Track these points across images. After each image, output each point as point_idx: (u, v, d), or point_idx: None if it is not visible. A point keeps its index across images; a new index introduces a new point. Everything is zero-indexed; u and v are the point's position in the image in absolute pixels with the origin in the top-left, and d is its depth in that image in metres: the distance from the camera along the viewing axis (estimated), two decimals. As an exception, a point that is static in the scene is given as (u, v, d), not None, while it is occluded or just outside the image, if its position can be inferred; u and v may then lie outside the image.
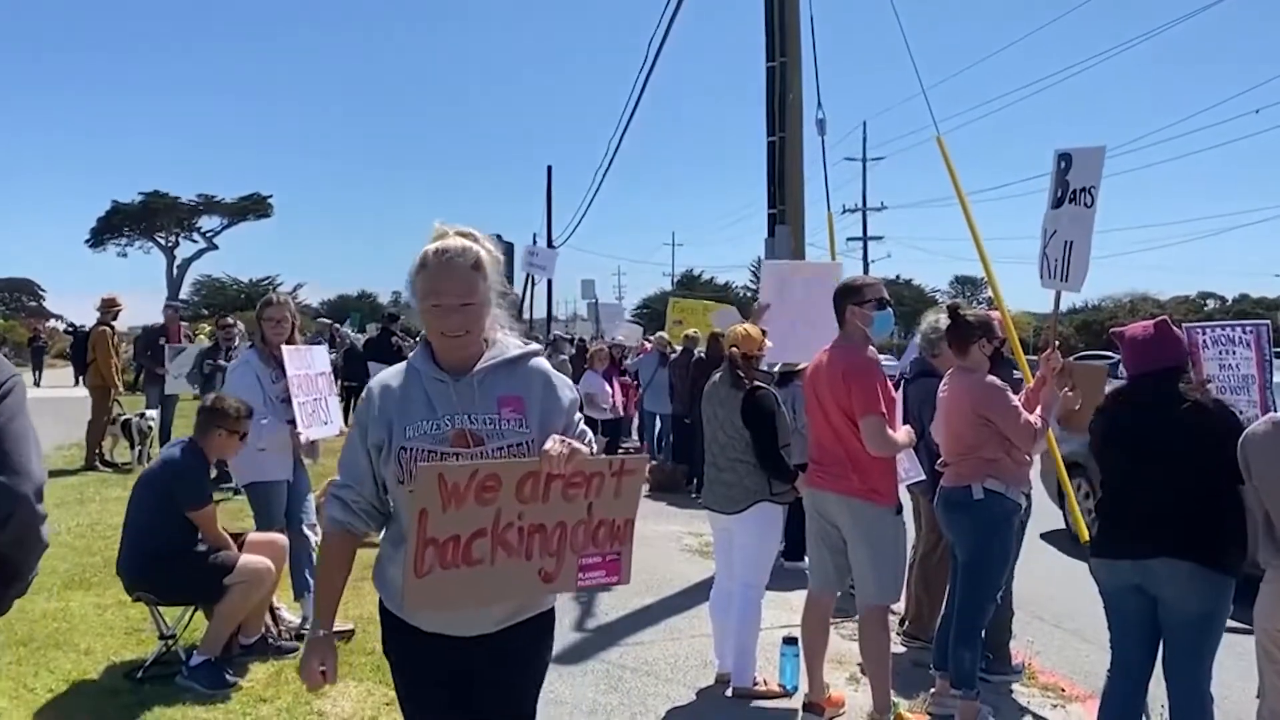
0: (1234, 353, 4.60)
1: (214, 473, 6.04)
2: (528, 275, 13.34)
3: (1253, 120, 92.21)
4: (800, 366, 6.94)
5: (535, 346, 2.56)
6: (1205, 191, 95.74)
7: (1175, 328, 3.88)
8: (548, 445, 2.26)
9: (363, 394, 2.55)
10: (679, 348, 12.41)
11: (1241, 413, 4.46)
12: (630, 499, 2.44)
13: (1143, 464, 3.71)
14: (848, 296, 4.54)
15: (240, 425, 5.01)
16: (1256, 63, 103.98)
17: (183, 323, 11.03)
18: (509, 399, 2.41)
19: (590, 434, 2.55)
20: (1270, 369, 4.53)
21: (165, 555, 4.76)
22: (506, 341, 2.49)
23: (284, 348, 5.49)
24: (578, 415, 2.53)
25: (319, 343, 14.65)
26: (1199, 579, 3.55)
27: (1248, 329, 4.58)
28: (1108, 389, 4.06)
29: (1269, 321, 4.61)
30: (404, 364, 2.54)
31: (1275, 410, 4.41)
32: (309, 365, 5.65)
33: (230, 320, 11.22)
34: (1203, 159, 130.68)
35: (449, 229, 2.43)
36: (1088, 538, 4.04)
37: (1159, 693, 3.78)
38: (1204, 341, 4.69)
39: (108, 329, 12.28)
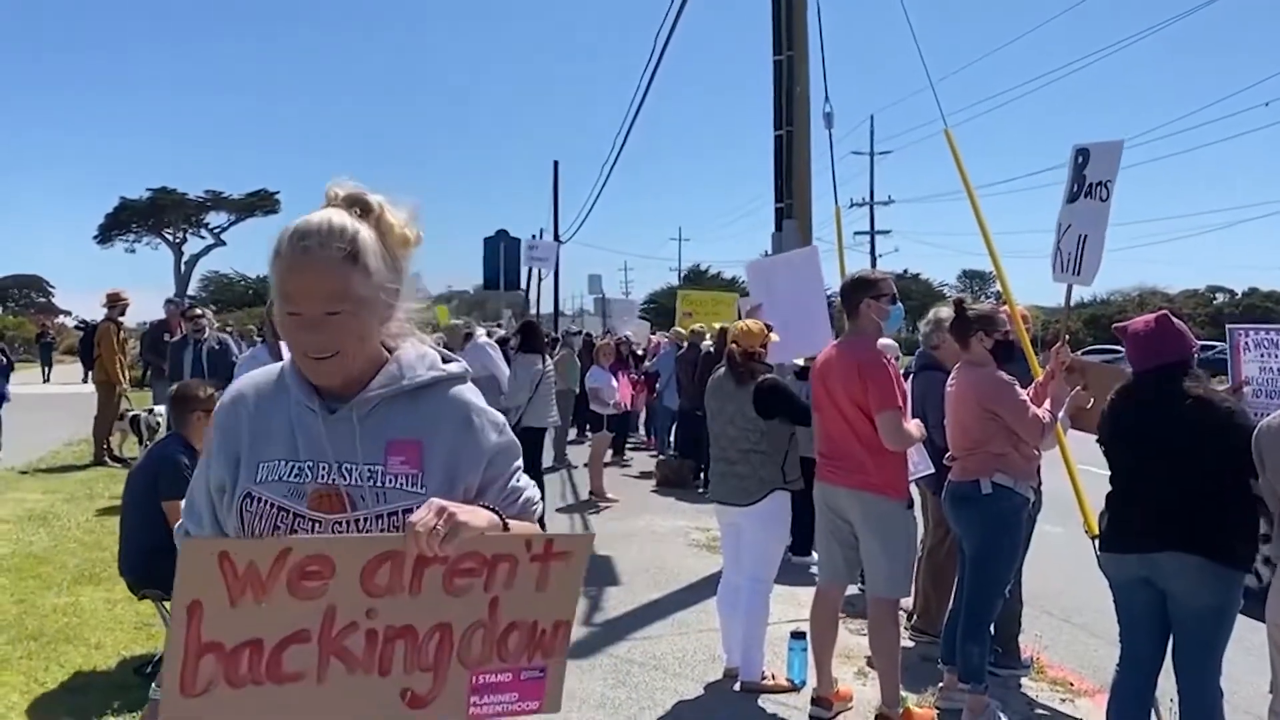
0: (1276, 355, 4.57)
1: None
2: (530, 269, 13.31)
3: (1263, 113, 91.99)
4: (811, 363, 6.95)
5: (456, 368, 1.84)
6: (1215, 185, 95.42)
7: (1178, 322, 3.86)
8: (416, 514, 1.56)
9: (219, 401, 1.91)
10: (686, 343, 12.42)
11: None
12: (563, 594, 1.72)
13: (1148, 459, 3.70)
14: (864, 290, 4.53)
15: (212, 402, 5.07)
16: (1267, 55, 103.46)
17: (184, 318, 11.04)
18: (402, 444, 1.72)
19: (533, 493, 1.88)
20: None
21: (163, 549, 4.76)
22: (415, 359, 1.79)
23: None
24: (516, 466, 1.84)
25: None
26: (1208, 573, 3.54)
27: None
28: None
29: None
30: (279, 366, 1.84)
31: None
32: None
33: (199, 311, 11.06)
34: (1212, 152, 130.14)
35: (338, 190, 1.75)
36: (1097, 532, 4.03)
37: (1168, 687, 3.77)
38: (1245, 344, 4.67)
39: (113, 324, 12.31)
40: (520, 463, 1.87)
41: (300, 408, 1.74)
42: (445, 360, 1.84)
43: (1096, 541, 4.04)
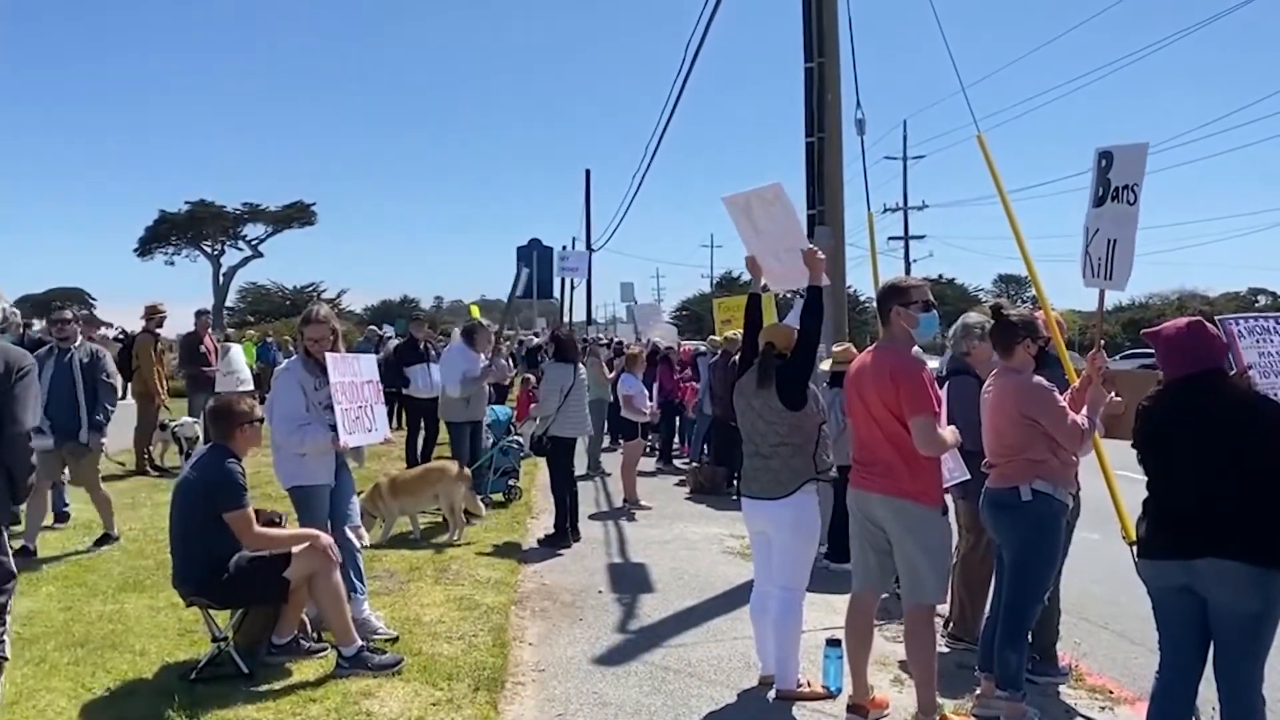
0: (1271, 340, 4.59)
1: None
2: (562, 279, 13.32)
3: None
4: (845, 367, 6.93)
5: None
6: (1257, 185, 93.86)
7: (1212, 327, 3.82)
8: None
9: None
10: (719, 350, 12.41)
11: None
12: None
13: (1184, 464, 3.67)
14: (893, 297, 4.54)
15: (254, 413, 5.22)
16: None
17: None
18: None
19: None
20: None
21: (220, 565, 4.87)
22: None
23: (328, 355, 5.56)
24: None
25: (368, 350, 14.89)
26: (1248, 578, 3.50)
27: None
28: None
29: None
30: None
31: None
32: (355, 373, 5.72)
33: (68, 315, 8.33)
34: (1253, 152, 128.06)
35: None
36: (1135, 538, 4.00)
37: (1209, 694, 3.73)
38: (1240, 332, 4.71)
39: (151, 337, 12.50)
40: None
41: None
42: None
43: (1134, 548, 4.00)
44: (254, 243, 62.41)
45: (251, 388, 11.52)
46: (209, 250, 61.58)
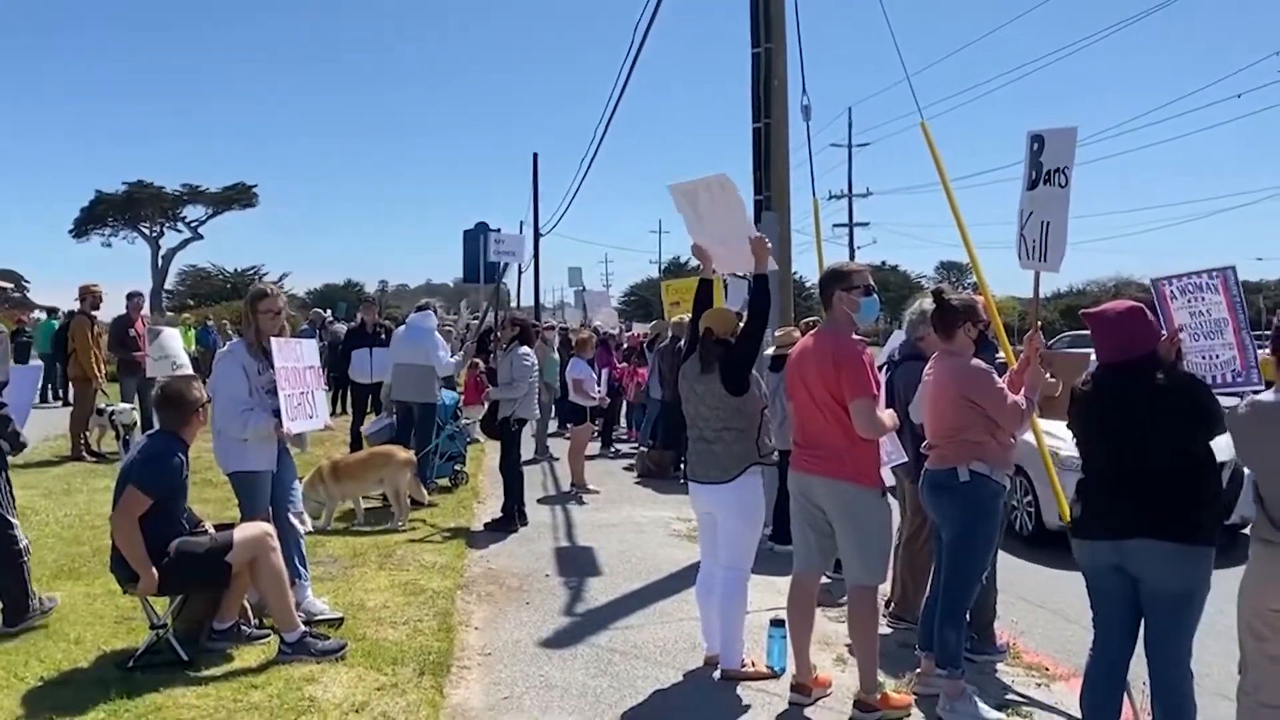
0: (1203, 299, 4.63)
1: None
2: (503, 263, 13.06)
3: (1236, 105, 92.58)
4: (788, 350, 6.99)
5: None
6: (1190, 176, 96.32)
7: (1150, 314, 3.92)
8: None
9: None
10: (670, 334, 12.43)
11: (1218, 356, 4.52)
12: None
13: (1118, 446, 3.77)
14: (835, 282, 4.59)
15: (202, 396, 5.14)
16: (1239, 48, 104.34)
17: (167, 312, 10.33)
18: None
19: None
20: (1242, 310, 4.54)
21: (160, 551, 4.77)
22: None
23: (272, 340, 5.48)
24: None
25: (310, 335, 14.62)
26: (1178, 558, 3.61)
27: (1214, 274, 4.61)
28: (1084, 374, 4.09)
29: (1234, 265, 4.63)
30: None
31: (1251, 351, 4.48)
32: (298, 358, 5.63)
33: None
34: (1187, 143, 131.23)
35: None
36: (1070, 518, 4.09)
37: (1141, 671, 3.84)
38: (1171, 293, 4.74)
39: (86, 318, 12.17)
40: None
41: None
42: None
43: (1070, 528, 4.09)
44: (194, 224, 61.20)
45: (188, 371, 11.22)
46: (147, 232, 60.22)
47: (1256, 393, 3.57)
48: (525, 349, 8.90)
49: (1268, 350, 3.61)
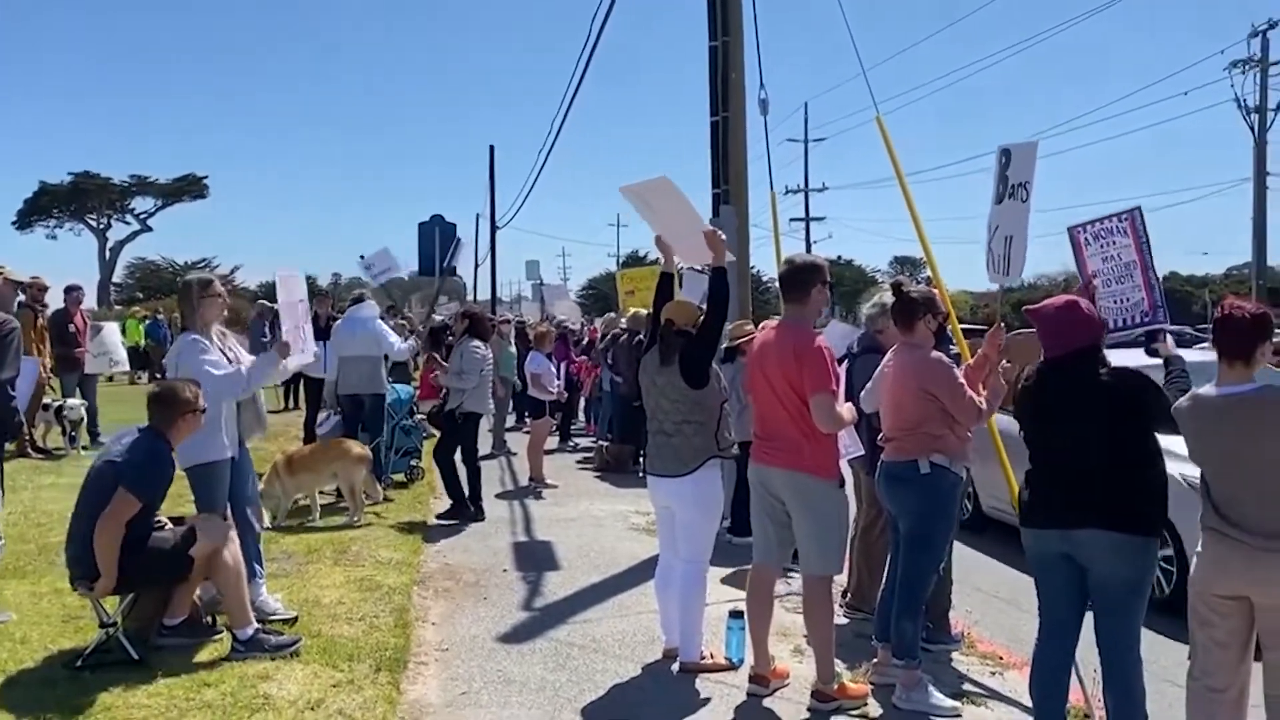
0: (1114, 243, 4.71)
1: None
2: (456, 247, 12.84)
3: (1182, 102, 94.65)
4: (740, 342, 7.02)
5: None
6: (1136, 172, 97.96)
7: (1086, 305, 3.98)
8: None
9: None
10: (624, 326, 12.43)
11: (1128, 299, 4.61)
12: None
13: (1064, 438, 3.83)
14: (818, 275, 4.64)
15: (199, 402, 4.97)
16: (1185, 46, 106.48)
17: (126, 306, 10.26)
18: None
19: None
20: (1148, 251, 4.63)
21: (124, 547, 4.67)
22: None
23: (278, 273, 5.77)
24: None
25: (259, 328, 14.32)
26: (1126, 548, 3.68)
27: (1123, 217, 4.70)
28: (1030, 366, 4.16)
29: (1139, 205, 4.72)
30: None
31: (1158, 291, 4.57)
32: (290, 293, 5.83)
33: None
34: (1134, 140, 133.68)
35: None
36: (1018, 507, 4.15)
37: (1093, 658, 3.91)
38: (1085, 239, 4.81)
39: (31, 311, 11.90)
40: None
41: None
42: None
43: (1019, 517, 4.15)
44: (142, 216, 60.23)
45: (126, 368, 10.99)
46: (94, 224, 59.12)
47: (1166, 333, 3.67)
48: (477, 341, 8.86)
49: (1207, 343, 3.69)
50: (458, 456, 8.79)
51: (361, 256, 12.63)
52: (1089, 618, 3.86)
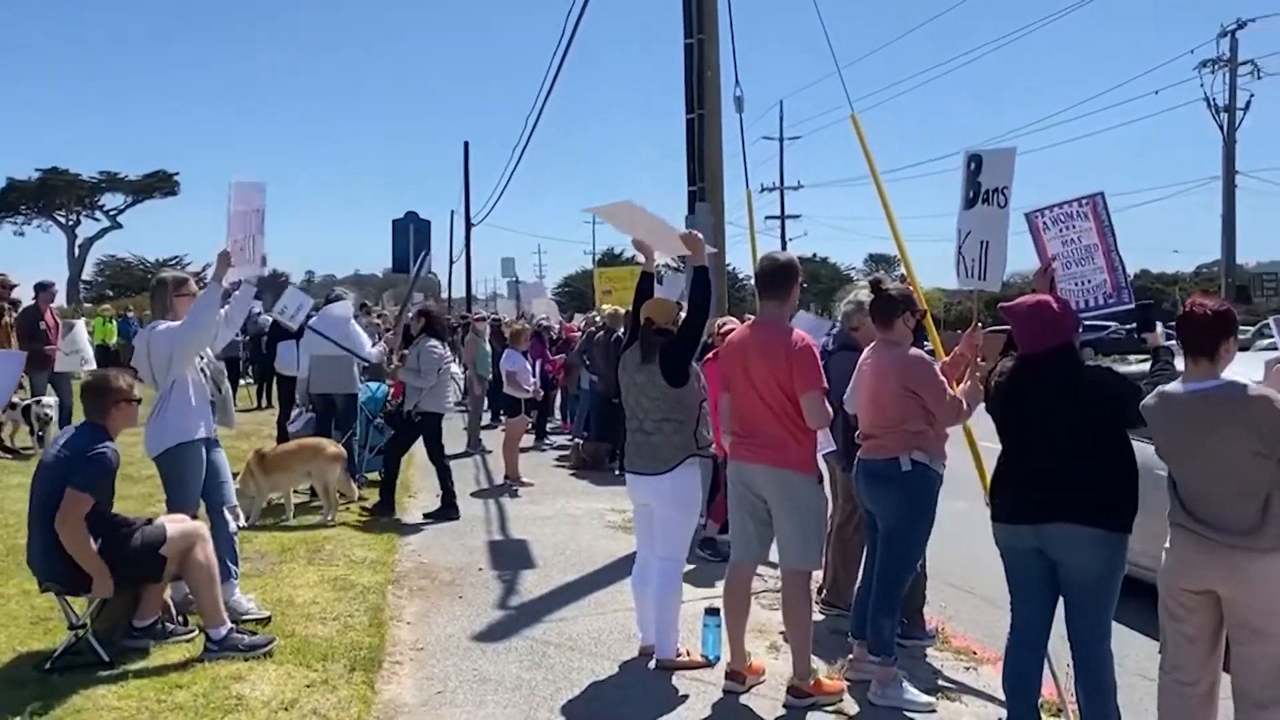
0: (1074, 226, 4.73)
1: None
2: (426, 255, 12.86)
3: (1152, 100, 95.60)
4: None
5: None
6: (1107, 170, 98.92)
7: (1057, 304, 4.01)
8: None
9: None
10: (602, 322, 12.41)
11: (1089, 281, 4.65)
12: None
13: (1036, 434, 3.86)
14: (797, 273, 4.71)
15: (132, 390, 4.91)
16: (1155, 45, 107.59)
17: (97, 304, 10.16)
18: None
19: None
20: (1112, 235, 4.66)
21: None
22: None
23: (235, 179, 5.65)
24: None
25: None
26: (1097, 543, 3.71)
27: (1084, 202, 4.72)
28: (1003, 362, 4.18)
29: (1102, 190, 4.75)
30: None
31: (1121, 273, 4.62)
32: (249, 202, 5.73)
33: None
34: (1105, 139, 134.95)
35: None
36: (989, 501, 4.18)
37: (1064, 652, 3.94)
38: (1044, 224, 4.83)
39: None
40: None
41: None
42: None
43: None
44: (112, 213, 59.52)
45: (94, 366, 10.84)
46: (63, 221, 58.38)
47: (1129, 313, 3.70)
48: (434, 341, 8.84)
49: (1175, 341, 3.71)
50: (424, 457, 8.78)
51: (427, 221, 13.13)
52: (1061, 612, 3.90)
